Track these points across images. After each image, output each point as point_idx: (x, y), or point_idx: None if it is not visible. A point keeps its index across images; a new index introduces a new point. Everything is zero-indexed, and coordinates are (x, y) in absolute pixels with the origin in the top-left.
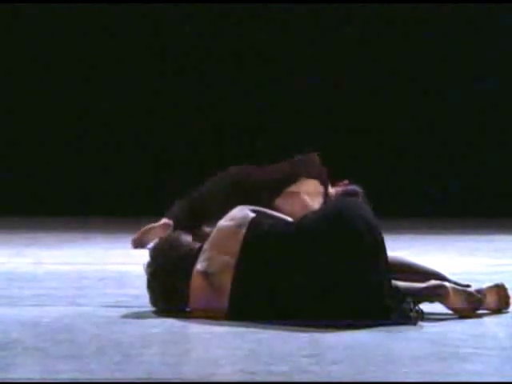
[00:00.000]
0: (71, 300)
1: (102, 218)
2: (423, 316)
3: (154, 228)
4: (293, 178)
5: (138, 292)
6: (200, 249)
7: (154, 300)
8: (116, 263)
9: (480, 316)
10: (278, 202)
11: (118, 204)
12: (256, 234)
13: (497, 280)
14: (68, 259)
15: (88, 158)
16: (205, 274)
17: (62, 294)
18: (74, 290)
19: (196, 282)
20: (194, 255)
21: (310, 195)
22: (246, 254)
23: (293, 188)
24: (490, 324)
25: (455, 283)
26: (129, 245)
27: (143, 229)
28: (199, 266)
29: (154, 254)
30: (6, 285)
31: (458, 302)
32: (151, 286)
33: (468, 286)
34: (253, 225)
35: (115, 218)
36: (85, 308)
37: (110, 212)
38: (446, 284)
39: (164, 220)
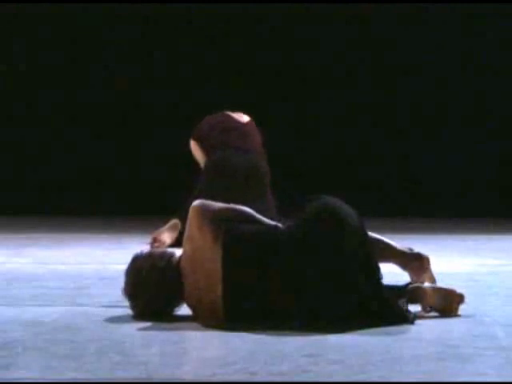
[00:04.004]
0: (71, 300)
1: (101, 218)
2: (416, 317)
3: (163, 231)
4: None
5: None
6: (179, 261)
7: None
8: (116, 263)
9: (480, 316)
10: None
11: (118, 204)
12: (235, 244)
13: (496, 280)
14: (68, 259)
15: (88, 158)
16: (197, 293)
17: (61, 293)
18: (73, 290)
19: (190, 301)
20: (174, 267)
21: None
22: (230, 269)
23: None
24: (490, 324)
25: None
26: (129, 245)
27: (155, 234)
28: (187, 284)
29: (132, 276)
30: (5, 285)
31: (437, 302)
32: (136, 311)
33: (411, 249)
34: (228, 235)
35: (115, 218)
36: (85, 308)
37: (110, 212)
38: (422, 286)
39: (173, 221)
